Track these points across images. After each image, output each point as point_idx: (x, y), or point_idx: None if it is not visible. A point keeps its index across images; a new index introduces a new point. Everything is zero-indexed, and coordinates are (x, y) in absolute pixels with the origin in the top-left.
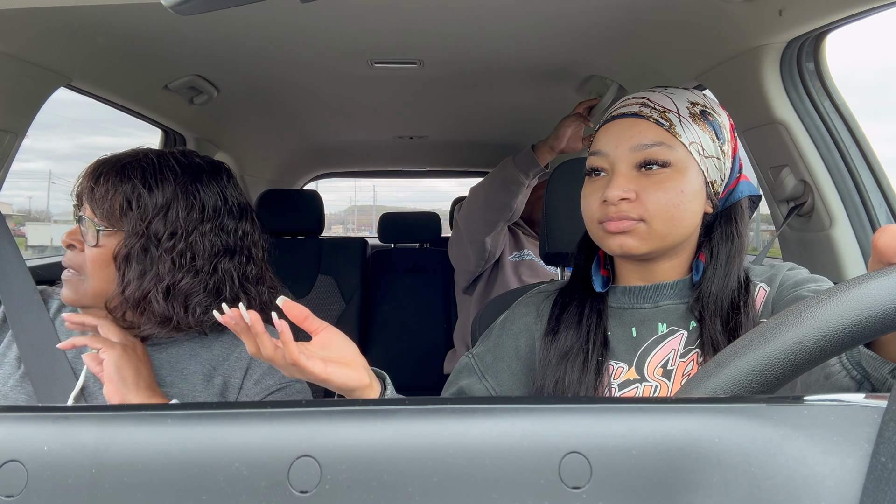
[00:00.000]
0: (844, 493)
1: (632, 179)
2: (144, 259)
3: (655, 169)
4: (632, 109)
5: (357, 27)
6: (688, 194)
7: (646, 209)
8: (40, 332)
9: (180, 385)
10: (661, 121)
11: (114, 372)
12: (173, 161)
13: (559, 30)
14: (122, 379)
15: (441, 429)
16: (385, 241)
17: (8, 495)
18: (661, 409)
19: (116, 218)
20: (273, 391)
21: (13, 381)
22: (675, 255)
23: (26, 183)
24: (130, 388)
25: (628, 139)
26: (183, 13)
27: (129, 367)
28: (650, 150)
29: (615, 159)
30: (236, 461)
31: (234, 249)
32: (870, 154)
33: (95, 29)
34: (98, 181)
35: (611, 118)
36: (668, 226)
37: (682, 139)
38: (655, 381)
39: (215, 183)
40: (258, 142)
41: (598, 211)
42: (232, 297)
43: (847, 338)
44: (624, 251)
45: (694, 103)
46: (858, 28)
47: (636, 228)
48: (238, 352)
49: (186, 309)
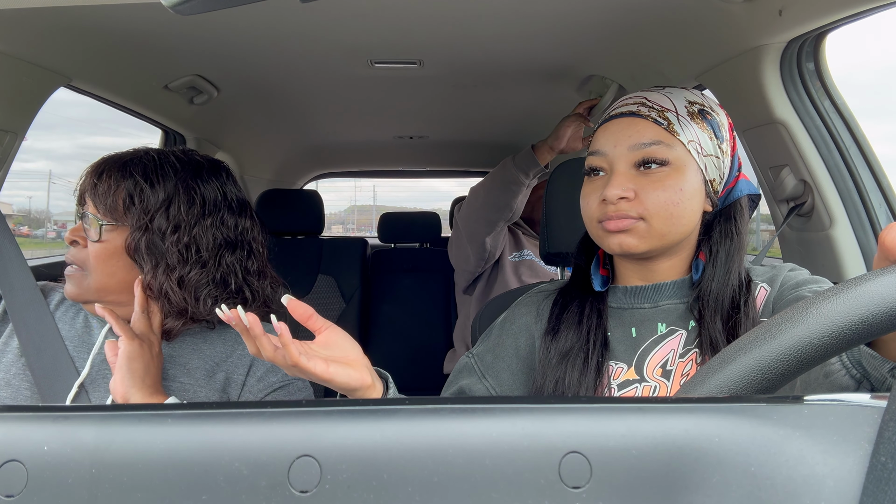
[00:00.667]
0: (844, 493)
1: (630, 178)
2: (154, 252)
3: (654, 168)
4: (630, 109)
5: (357, 27)
6: (686, 192)
7: (645, 208)
8: (42, 328)
9: (182, 379)
10: (659, 120)
11: (125, 363)
12: (174, 158)
13: (559, 30)
14: (130, 371)
15: (441, 428)
16: (385, 240)
17: (8, 495)
18: (660, 409)
19: (120, 213)
20: (276, 388)
21: (16, 369)
22: (675, 254)
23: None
24: (136, 383)
25: (627, 138)
26: (183, 13)
27: (141, 362)
28: (648, 148)
29: (614, 159)
30: (236, 461)
31: (236, 243)
32: (870, 154)
33: (95, 29)
34: (101, 177)
35: (609, 118)
36: (668, 224)
37: (680, 138)
38: (655, 382)
39: (215, 179)
40: (258, 142)
41: (597, 210)
42: (237, 289)
43: (853, 335)
44: (623, 250)
45: (692, 102)
46: (858, 28)
47: (635, 227)
48: (241, 349)
49: (198, 300)
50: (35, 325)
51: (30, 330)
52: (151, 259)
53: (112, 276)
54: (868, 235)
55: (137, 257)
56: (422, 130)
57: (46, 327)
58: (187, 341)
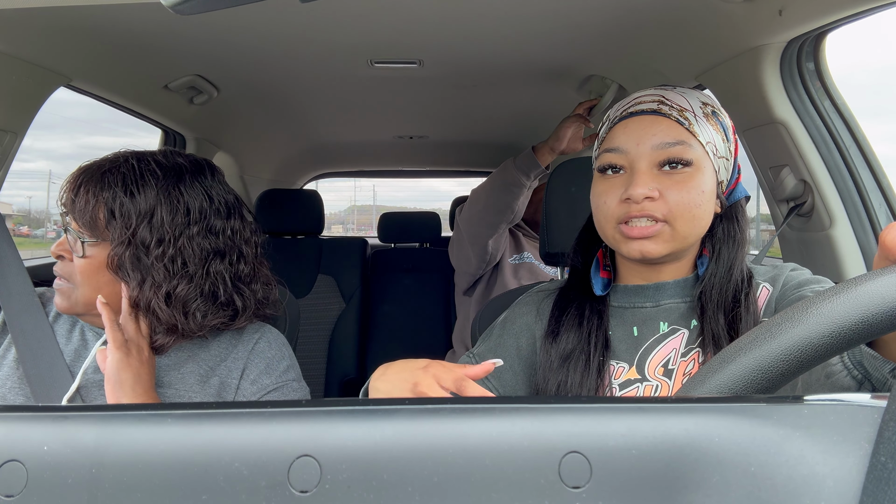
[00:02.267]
0: (844, 493)
1: (654, 178)
2: (139, 266)
3: (678, 168)
4: (650, 107)
5: (357, 27)
6: (706, 194)
7: (669, 209)
8: (39, 335)
9: (177, 386)
10: (681, 119)
11: (113, 373)
12: (153, 164)
13: (559, 29)
14: (119, 381)
15: (441, 428)
16: (385, 240)
17: (8, 495)
18: (660, 409)
19: (101, 228)
20: (269, 391)
21: (11, 382)
22: (682, 256)
23: (26, 183)
24: (126, 392)
25: (650, 137)
26: (183, 13)
27: (129, 371)
28: (673, 148)
29: (636, 157)
30: (236, 461)
31: (224, 251)
32: (870, 154)
33: (95, 29)
34: (78, 192)
35: (628, 115)
36: (690, 226)
37: (699, 138)
38: (656, 381)
39: (199, 183)
40: (258, 141)
41: (617, 209)
42: (227, 301)
43: (854, 335)
44: (644, 256)
45: (705, 103)
46: (858, 28)
47: (660, 232)
48: (235, 353)
49: (186, 315)
50: (32, 331)
51: (27, 336)
52: (136, 275)
53: (99, 289)
54: (868, 235)
55: (122, 273)
56: (422, 130)
57: (44, 334)
58: (184, 349)
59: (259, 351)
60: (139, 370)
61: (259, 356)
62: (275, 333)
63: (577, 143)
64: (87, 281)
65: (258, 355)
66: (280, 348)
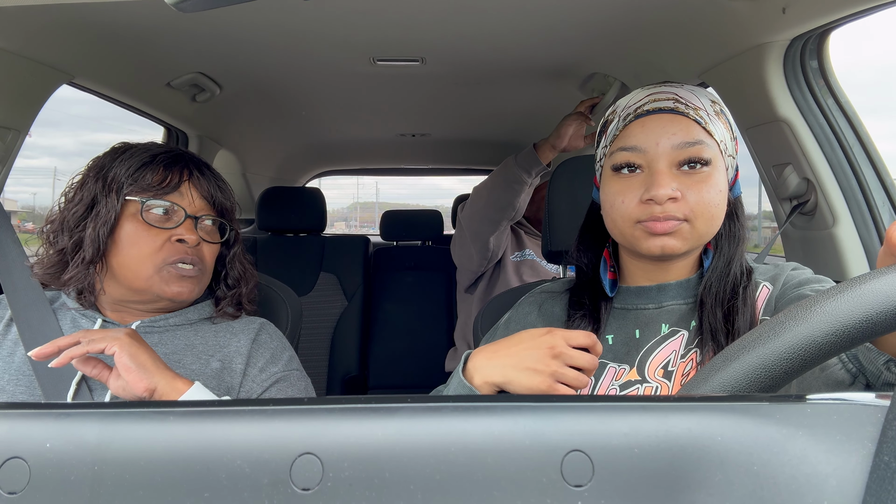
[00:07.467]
0: (847, 493)
1: (674, 178)
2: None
3: (697, 168)
4: (667, 105)
5: (359, 25)
6: (723, 193)
7: (690, 209)
8: (45, 329)
9: (179, 371)
10: (697, 118)
11: (130, 360)
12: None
13: (562, 27)
14: (140, 366)
15: (443, 427)
16: (387, 238)
17: (10, 492)
18: (663, 408)
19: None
20: (277, 379)
21: (9, 375)
22: (690, 254)
23: (31, 179)
24: (154, 372)
25: (670, 136)
26: (185, 10)
27: (144, 351)
28: (693, 147)
29: (655, 156)
30: (238, 458)
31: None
32: (873, 152)
33: (98, 26)
34: (209, 178)
35: (644, 113)
36: (709, 225)
37: (715, 137)
38: (656, 383)
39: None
40: (260, 139)
41: (637, 210)
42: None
43: (857, 333)
44: (665, 252)
45: (714, 102)
46: (861, 26)
47: (681, 229)
48: (237, 341)
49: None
50: (38, 325)
51: (33, 330)
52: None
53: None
54: (871, 234)
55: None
56: (424, 128)
57: (49, 327)
58: (179, 336)
59: (262, 342)
60: (149, 348)
61: (264, 346)
62: (273, 326)
63: (578, 141)
64: (212, 264)
65: (262, 346)
66: (281, 339)
